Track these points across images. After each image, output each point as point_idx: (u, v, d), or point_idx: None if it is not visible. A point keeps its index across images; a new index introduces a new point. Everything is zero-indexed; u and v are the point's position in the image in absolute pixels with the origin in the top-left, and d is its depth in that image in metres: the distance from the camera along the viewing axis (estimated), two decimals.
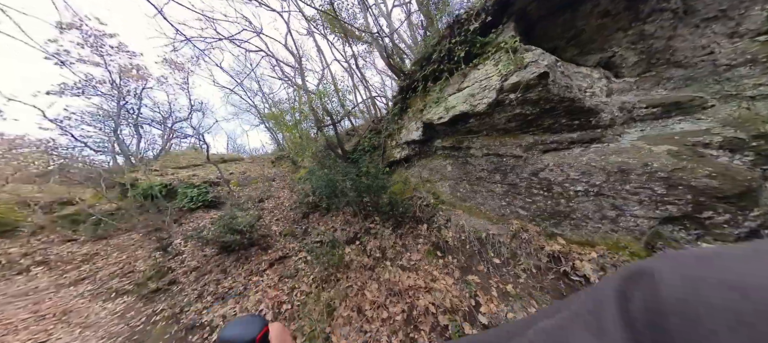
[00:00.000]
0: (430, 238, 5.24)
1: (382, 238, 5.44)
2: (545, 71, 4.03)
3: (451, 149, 6.28)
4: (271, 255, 6.14)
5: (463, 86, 5.38)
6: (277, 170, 15.87)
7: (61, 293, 7.10)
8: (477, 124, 5.38)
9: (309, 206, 8.00)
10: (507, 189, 5.09)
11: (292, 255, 6.08)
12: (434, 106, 6.01)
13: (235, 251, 6.50)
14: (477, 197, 5.55)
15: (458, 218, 5.39)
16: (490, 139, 5.36)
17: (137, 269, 7.47)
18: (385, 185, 5.90)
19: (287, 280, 5.20)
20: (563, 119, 4.39)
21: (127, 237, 10.54)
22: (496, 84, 4.66)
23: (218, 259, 6.55)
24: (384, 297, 4.11)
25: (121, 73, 15.22)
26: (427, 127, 6.58)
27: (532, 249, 4.26)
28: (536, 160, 4.72)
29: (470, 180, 5.78)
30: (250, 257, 6.33)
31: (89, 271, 8.13)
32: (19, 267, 8.53)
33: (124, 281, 6.95)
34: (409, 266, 4.76)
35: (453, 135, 6.12)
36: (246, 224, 6.57)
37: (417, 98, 6.90)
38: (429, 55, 6.14)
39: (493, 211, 5.21)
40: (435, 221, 5.47)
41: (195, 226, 10.54)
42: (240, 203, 11.02)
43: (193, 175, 14.17)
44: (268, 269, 5.73)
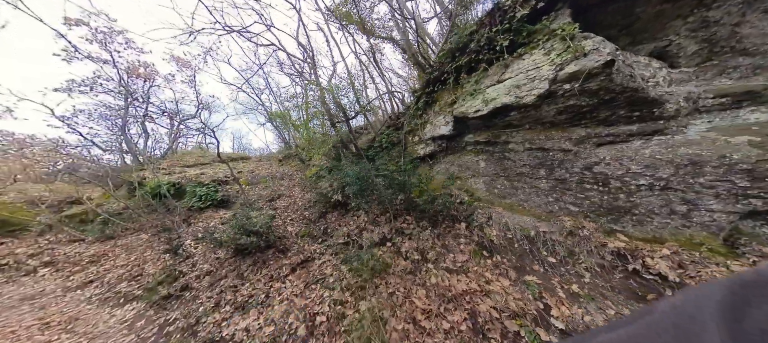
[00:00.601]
0: (472, 237, 4.84)
1: (419, 239, 5.02)
2: (611, 59, 3.68)
3: (486, 144, 5.89)
4: (292, 259, 5.62)
5: (504, 78, 5.01)
6: (285, 169, 15.37)
7: (67, 297, 6.57)
8: (519, 117, 5.01)
9: (326, 205, 7.51)
10: (554, 185, 4.71)
11: (314, 258, 5.57)
12: (469, 98, 5.62)
13: (251, 254, 5.97)
14: (519, 193, 5.17)
15: (500, 215, 5.01)
16: (534, 132, 4.99)
17: (146, 272, 6.94)
18: (422, 181, 5.45)
19: (314, 287, 4.66)
20: (622, 111, 4.03)
21: (135, 237, 10.00)
22: (547, 74, 4.29)
23: (233, 262, 6.03)
24: (437, 305, 3.69)
25: (128, 70, 14.62)
26: (458, 122, 6.19)
27: (592, 247, 3.89)
28: (589, 154, 4.35)
29: (509, 176, 5.40)
30: (267, 261, 5.80)
31: (97, 273, 7.59)
32: (26, 268, 8.08)
33: (133, 284, 6.42)
34: (455, 268, 4.35)
35: (488, 129, 5.74)
36: (262, 225, 6.07)
37: (445, 91, 6.51)
38: (463, 45, 5.76)
39: (538, 208, 4.83)
40: (474, 219, 5.06)
41: (205, 226, 10.03)
42: (251, 201, 10.52)
43: (201, 173, 13.62)
44: (290, 275, 5.20)
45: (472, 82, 5.63)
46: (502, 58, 4.99)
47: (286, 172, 14.77)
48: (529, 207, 4.96)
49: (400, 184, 5.41)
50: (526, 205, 5.00)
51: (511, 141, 5.38)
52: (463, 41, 5.74)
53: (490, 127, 5.70)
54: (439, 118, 6.64)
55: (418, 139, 7.42)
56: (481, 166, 6.01)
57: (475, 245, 4.70)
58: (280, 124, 19.02)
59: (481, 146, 6.03)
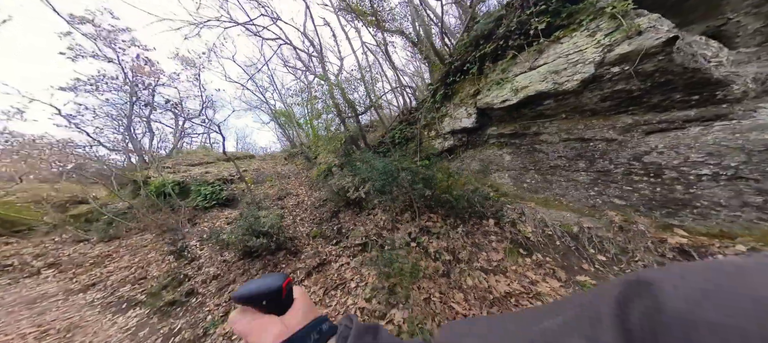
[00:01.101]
0: (504, 234, 4.36)
1: (448, 238, 4.53)
2: (674, 36, 3.20)
3: (512, 137, 5.43)
4: (307, 262, 5.07)
5: (537, 64, 4.56)
6: (290, 167, 14.85)
7: (69, 300, 6.07)
8: (555, 105, 4.55)
9: (338, 203, 6.99)
10: (595, 177, 4.25)
11: (331, 261, 5.03)
12: (496, 88, 5.16)
13: (261, 256, 5.41)
14: (553, 187, 4.71)
15: (533, 211, 4.54)
16: (571, 122, 4.53)
17: (150, 274, 6.43)
18: (452, 176, 4.95)
19: (335, 293, 4.11)
20: (678, 95, 3.57)
21: (139, 238, 9.50)
22: (593, 56, 3.84)
23: (241, 265, 5.48)
24: (479, 309, 3.22)
25: (133, 68, 14.11)
26: (482, 114, 5.72)
27: (648, 243, 3.41)
28: (637, 142, 3.89)
29: (541, 169, 4.94)
30: (278, 264, 5.26)
31: (100, 275, 7.10)
32: (30, 270, 7.66)
33: (137, 288, 5.90)
34: (491, 268, 3.88)
35: (515, 121, 5.28)
36: (272, 225, 5.54)
37: (467, 82, 6.05)
38: (489, 32, 5.29)
39: (578, 202, 4.37)
40: (504, 216, 4.58)
41: (210, 226, 9.53)
42: (257, 200, 10.00)
43: (206, 172, 13.10)
44: (305, 280, 4.64)
45: (499, 70, 5.17)
46: (536, 43, 4.53)
47: (291, 170, 14.26)
48: (566, 202, 4.49)
49: (426, 179, 4.91)
50: (564, 199, 4.53)
51: (543, 132, 4.91)
52: (488, 28, 5.27)
53: (517, 119, 5.24)
54: (460, 110, 6.17)
55: (436, 134, 6.95)
56: (507, 159, 5.54)
57: (509, 242, 4.22)
58: (284, 123, 18.51)
59: (506, 139, 5.57)
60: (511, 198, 5.01)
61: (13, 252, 8.30)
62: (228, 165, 15.46)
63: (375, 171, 5.27)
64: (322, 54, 8.93)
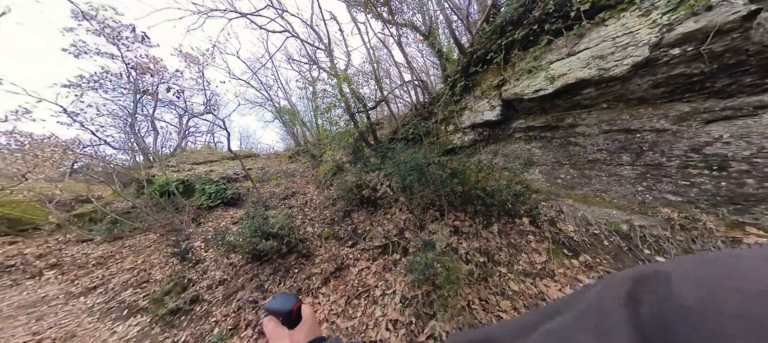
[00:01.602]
0: (544, 234, 3.89)
1: (478, 238, 4.06)
2: (756, 9, 2.73)
3: (542, 130, 4.97)
4: (322, 267, 4.54)
5: (577, 49, 4.09)
6: (296, 166, 14.35)
7: (69, 305, 5.62)
8: (595, 94, 4.08)
9: (351, 202, 6.46)
10: (643, 171, 3.78)
11: (348, 265, 4.50)
12: (526, 77, 4.70)
13: (271, 260, 4.82)
14: (593, 182, 4.23)
15: (573, 208, 4.07)
16: (613, 112, 4.06)
17: (153, 277, 5.97)
18: (481, 170, 4.45)
19: (358, 302, 3.59)
20: (749, 78, 3.09)
21: (143, 238, 9.01)
22: (648, 38, 3.37)
23: (249, 270, 4.96)
24: None
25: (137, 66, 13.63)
26: (507, 106, 5.25)
27: (718, 242, 2.95)
28: (696, 133, 3.42)
29: (577, 164, 4.46)
30: (290, 268, 4.71)
31: (101, 278, 6.64)
32: (32, 271, 7.27)
33: (139, 293, 5.42)
34: (536, 271, 3.42)
35: (547, 112, 4.81)
36: (283, 226, 5.02)
37: (489, 73, 5.57)
38: (518, 18, 4.80)
39: (623, 198, 3.90)
40: (540, 214, 4.11)
41: (215, 226, 9.05)
42: (264, 199, 9.51)
43: (210, 171, 12.65)
44: (323, 287, 4.09)
45: (530, 58, 4.69)
46: (576, 27, 4.04)
47: (297, 169, 13.76)
48: (610, 198, 4.01)
49: (455, 173, 4.43)
50: (606, 196, 4.06)
51: (579, 124, 4.44)
52: (518, 12, 4.79)
53: (549, 110, 4.77)
54: (482, 102, 5.70)
55: (454, 128, 6.47)
56: (536, 154, 5.07)
57: (551, 243, 3.75)
58: (289, 121, 18.04)
59: (536, 132, 5.10)
60: (546, 195, 4.53)
61: (17, 252, 7.94)
62: (232, 164, 14.98)
63: (402, 165, 4.77)
64: (330, 47, 8.43)
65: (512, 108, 5.32)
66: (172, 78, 15.92)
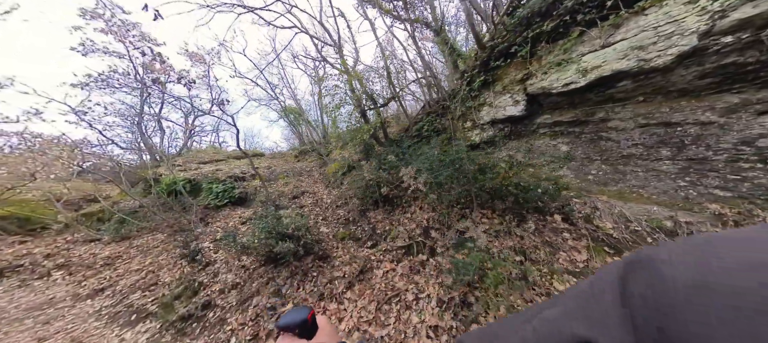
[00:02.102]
0: (580, 232, 3.61)
1: (510, 236, 3.77)
2: None
3: (571, 125, 4.69)
4: (344, 270, 4.20)
5: (613, 40, 3.81)
6: (302, 165, 14.09)
7: (76, 308, 5.40)
8: (632, 87, 3.80)
9: (366, 201, 6.15)
10: (686, 166, 3.50)
11: (371, 267, 4.19)
12: (555, 70, 4.41)
13: (287, 263, 4.44)
14: (628, 178, 3.95)
15: (609, 205, 3.78)
16: (651, 105, 3.77)
17: (162, 280, 5.70)
18: (512, 166, 4.13)
19: (389, 308, 3.27)
20: None
21: (151, 238, 8.78)
22: (696, 26, 3.07)
23: (263, 273, 4.63)
24: None
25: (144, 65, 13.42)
26: (532, 100, 4.96)
27: None
28: (746, 125, 3.14)
29: (610, 159, 4.18)
30: (308, 271, 4.37)
31: (109, 279, 6.41)
32: (40, 271, 7.08)
33: (147, 296, 5.16)
34: (579, 270, 3.15)
35: (576, 106, 4.53)
36: (300, 227, 4.70)
37: (511, 67, 5.28)
38: (546, 9, 4.50)
39: (664, 194, 3.62)
40: (573, 211, 3.83)
41: (223, 226, 8.80)
42: (273, 198, 9.24)
43: (216, 170, 12.39)
44: (347, 291, 3.75)
45: (559, 50, 4.40)
46: (613, 16, 3.74)
47: (304, 168, 13.51)
48: (648, 194, 3.72)
49: (486, 169, 4.13)
50: (644, 191, 3.77)
51: (612, 118, 4.15)
52: (546, 3, 4.48)
53: (579, 104, 4.49)
54: (504, 98, 5.41)
55: (472, 125, 6.18)
56: (563, 150, 4.78)
57: (590, 240, 3.46)
58: (294, 120, 17.77)
59: (563, 127, 4.81)
60: (576, 191, 4.24)
61: (26, 252, 7.78)
62: (239, 163, 14.74)
63: (436, 161, 4.46)
64: (339, 43, 8.16)
65: (537, 103, 5.03)
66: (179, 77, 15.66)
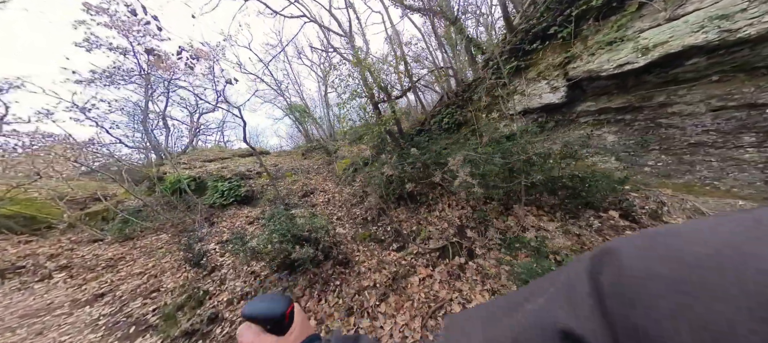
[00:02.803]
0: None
1: (570, 235, 3.22)
2: None
3: (620, 111, 4.13)
4: (372, 277, 3.58)
5: (681, 12, 3.24)
6: (309, 162, 13.54)
7: (73, 315, 4.88)
8: (705, 65, 3.22)
9: (387, 199, 5.54)
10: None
11: (404, 274, 3.56)
12: (605, 51, 3.85)
13: (304, 270, 3.72)
14: (698, 169, 3.41)
15: (678, 200, 3.22)
16: (729, 85, 3.21)
17: (164, 286, 5.15)
18: (566, 156, 3.57)
19: (437, 324, 2.70)
20: None
21: (155, 238, 8.26)
22: None
23: (276, 281, 4.04)
24: None
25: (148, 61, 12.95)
26: (573, 86, 4.40)
27: None
28: None
29: (671, 148, 3.64)
30: (329, 280, 3.73)
31: (110, 283, 5.91)
32: (42, 273, 6.63)
33: (148, 304, 4.60)
34: None
35: (629, 91, 3.94)
36: (319, 228, 4.09)
37: (548, 51, 4.72)
38: None
39: (749, 186, 3.06)
40: (633, 206, 3.28)
41: (229, 226, 8.26)
42: (282, 197, 8.69)
43: (222, 167, 11.86)
44: (381, 304, 3.14)
45: (611, 28, 3.83)
46: None
47: (311, 165, 12.96)
48: (727, 187, 3.16)
49: (532, 161, 3.56)
50: (721, 184, 3.22)
51: (675, 102, 3.59)
52: None
53: (632, 88, 3.92)
54: (539, 85, 4.86)
55: (500, 115, 5.63)
56: (609, 139, 4.22)
57: None
58: (300, 117, 17.20)
59: (611, 115, 4.25)
60: (632, 184, 3.68)
61: (30, 252, 7.46)
62: (245, 160, 14.22)
63: (482, 152, 3.88)
64: (351, 32, 7.60)
65: (579, 89, 4.47)
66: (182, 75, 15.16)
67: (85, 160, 10.06)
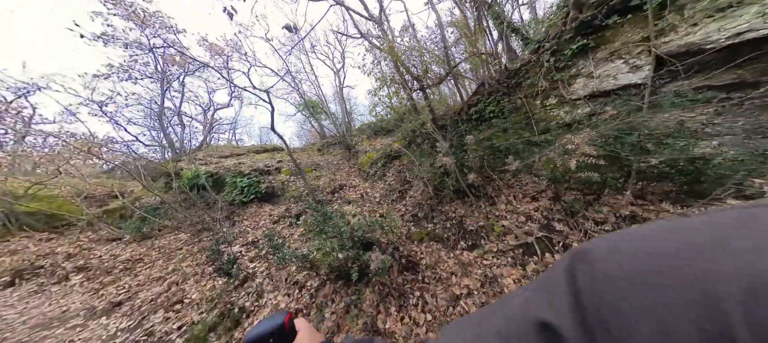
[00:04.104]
0: None
1: None
2: None
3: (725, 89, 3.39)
4: (461, 283, 2.89)
5: None
6: (327, 158, 12.87)
7: (88, 328, 4.35)
8: None
9: (448, 191, 4.83)
10: None
11: (494, 277, 2.92)
12: (713, 19, 3.12)
13: (369, 279, 2.93)
14: None
15: None
16: None
17: (188, 296, 4.50)
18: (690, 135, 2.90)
19: None
20: None
21: (173, 238, 7.74)
22: None
23: (332, 293, 3.22)
24: None
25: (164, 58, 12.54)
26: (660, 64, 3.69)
27: None
28: None
29: None
30: (405, 293, 3.00)
31: (128, 289, 5.40)
32: (59, 274, 6.25)
33: (172, 319, 3.95)
34: None
35: (741, 65, 3.20)
36: (390, 227, 3.40)
37: (627, 26, 3.99)
38: None
39: None
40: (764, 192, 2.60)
41: (253, 225, 7.67)
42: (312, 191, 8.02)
43: (239, 163, 11.27)
44: None
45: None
46: None
47: (330, 161, 12.30)
48: None
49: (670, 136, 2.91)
50: None
51: None
52: None
53: (745, 63, 3.17)
54: (615, 64, 4.14)
55: (559, 101, 4.90)
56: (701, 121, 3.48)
57: None
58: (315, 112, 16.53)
59: (713, 93, 3.50)
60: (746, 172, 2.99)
61: (49, 251, 7.16)
62: (261, 156, 13.65)
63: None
64: (381, 16, 6.88)
65: (667, 66, 3.74)
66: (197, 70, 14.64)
67: (102, 157, 9.74)
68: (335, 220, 3.57)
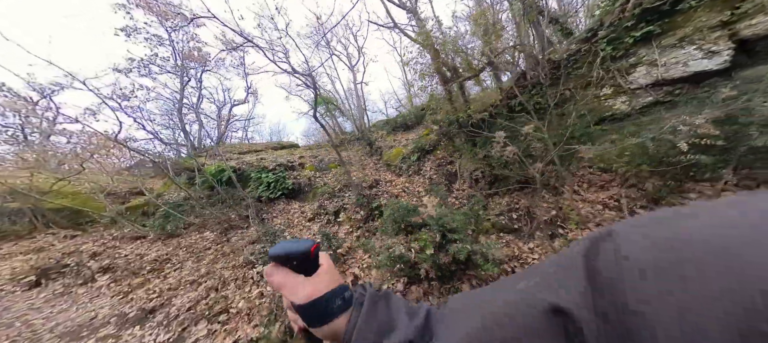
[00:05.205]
0: None
1: None
2: None
3: None
4: None
5: None
6: (348, 154, 12.60)
7: (122, 339, 3.96)
8: None
9: (510, 183, 4.73)
10: None
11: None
12: None
13: (453, 278, 2.75)
14: None
15: None
16: None
17: (233, 304, 4.13)
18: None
19: None
20: None
21: (199, 237, 7.53)
22: None
23: (419, 299, 2.98)
24: None
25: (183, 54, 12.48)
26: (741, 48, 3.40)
27: None
28: None
29: None
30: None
31: (160, 293, 5.03)
32: (85, 274, 5.96)
33: (219, 332, 3.58)
34: None
35: None
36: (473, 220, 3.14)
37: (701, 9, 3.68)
38: None
39: None
40: None
41: (285, 223, 7.44)
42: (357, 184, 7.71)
43: (260, 159, 11.07)
44: None
45: None
46: None
47: (352, 157, 12.04)
48: None
49: None
50: None
51: None
52: None
53: None
54: (685, 50, 3.80)
55: (615, 91, 4.60)
56: None
57: None
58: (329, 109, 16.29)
59: None
60: None
61: (74, 248, 6.94)
62: (280, 152, 13.47)
63: None
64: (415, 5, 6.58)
65: (747, 52, 3.45)
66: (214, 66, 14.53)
67: (129, 148, 9.71)
68: (419, 212, 3.31)
